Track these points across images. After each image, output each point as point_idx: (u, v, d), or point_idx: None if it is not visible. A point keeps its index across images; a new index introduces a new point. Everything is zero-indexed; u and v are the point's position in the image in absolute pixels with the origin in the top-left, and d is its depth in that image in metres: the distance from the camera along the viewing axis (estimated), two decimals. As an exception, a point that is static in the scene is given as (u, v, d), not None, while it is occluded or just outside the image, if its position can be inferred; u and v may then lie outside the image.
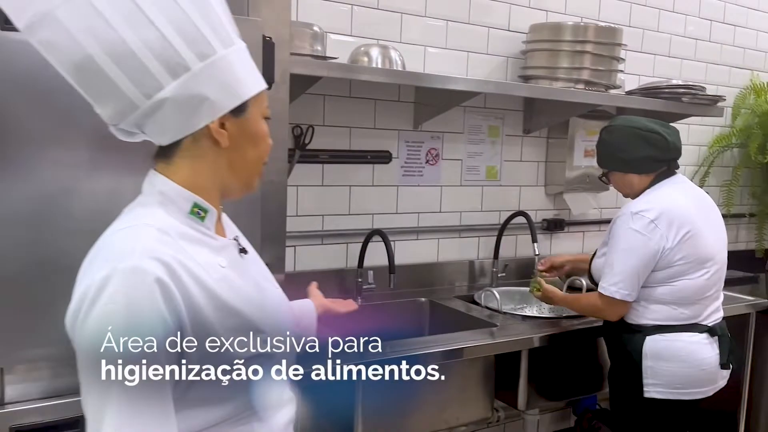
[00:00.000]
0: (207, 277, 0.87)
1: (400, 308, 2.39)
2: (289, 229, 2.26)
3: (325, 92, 2.29)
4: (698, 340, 1.88)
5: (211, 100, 0.88)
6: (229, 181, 0.95)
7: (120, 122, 0.89)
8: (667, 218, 1.85)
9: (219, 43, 0.88)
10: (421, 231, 2.60)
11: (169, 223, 0.89)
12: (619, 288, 1.86)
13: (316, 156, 2.30)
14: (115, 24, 0.82)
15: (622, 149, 1.95)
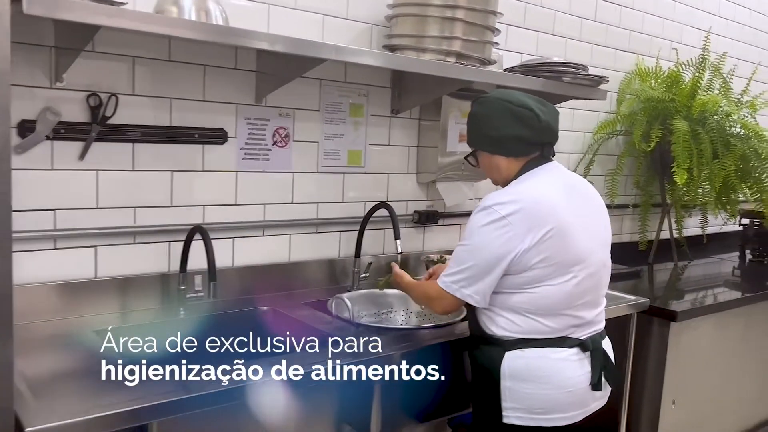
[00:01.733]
0: None
1: (234, 321, 1.97)
2: (86, 225, 1.80)
3: (134, 53, 1.83)
4: (565, 357, 1.60)
5: None
6: None
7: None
8: (526, 215, 1.55)
9: None
10: (269, 226, 2.19)
11: None
12: (460, 285, 1.59)
13: (122, 133, 1.83)
14: None
15: (491, 126, 1.65)
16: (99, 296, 1.83)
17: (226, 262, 2.10)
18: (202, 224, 1.95)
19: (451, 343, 1.83)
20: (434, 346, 1.79)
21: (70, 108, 1.74)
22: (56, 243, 1.77)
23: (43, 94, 1.69)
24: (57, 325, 1.71)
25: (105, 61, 1.77)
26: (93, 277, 1.84)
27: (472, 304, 1.61)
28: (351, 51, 1.89)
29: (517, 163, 1.66)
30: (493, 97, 1.67)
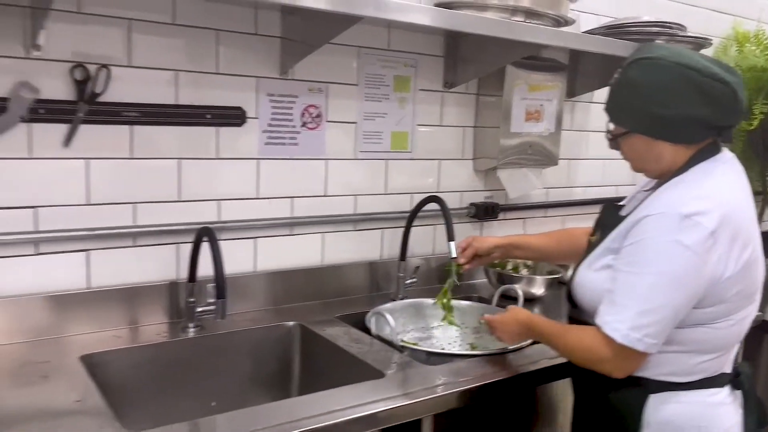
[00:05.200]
0: None
1: (256, 340, 1.64)
2: (73, 226, 1.49)
3: (130, 14, 1.49)
4: (719, 401, 1.23)
5: None
6: None
7: None
8: (731, 230, 1.14)
9: None
10: (298, 223, 1.84)
11: None
12: (644, 334, 1.14)
13: (117, 113, 1.50)
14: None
15: (662, 101, 1.17)
16: (92, 310, 1.52)
17: (247, 266, 1.77)
18: (216, 223, 1.63)
19: (524, 377, 1.45)
20: (503, 381, 1.41)
21: (51, 83, 1.42)
22: (38, 247, 1.47)
23: (17, 66, 1.38)
24: (36, 349, 1.41)
25: (93, 25, 1.45)
26: (84, 288, 1.53)
27: (650, 352, 1.18)
28: (396, 6, 1.50)
29: (687, 151, 1.22)
30: (668, 61, 1.17)
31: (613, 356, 1.18)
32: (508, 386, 1.42)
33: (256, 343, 1.64)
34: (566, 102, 2.28)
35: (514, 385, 1.43)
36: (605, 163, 2.51)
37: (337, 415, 1.19)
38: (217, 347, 1.59)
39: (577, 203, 2.47)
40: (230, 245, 1.70)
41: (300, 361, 1.68)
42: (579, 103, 2.39)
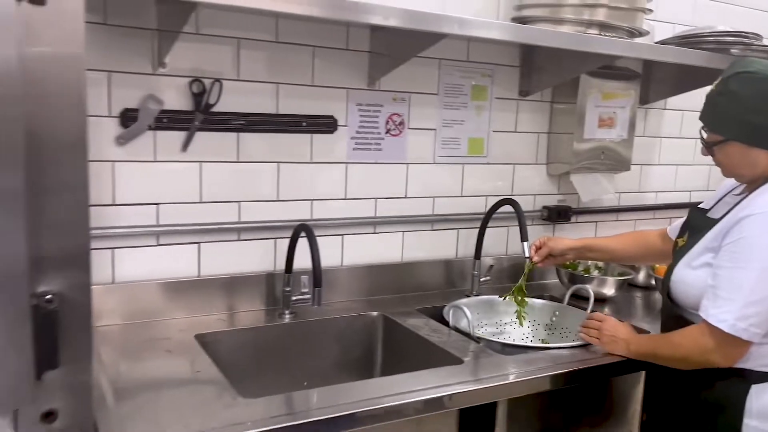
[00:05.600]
0: None
1: (343, 327, 1.80)
2: (189, 221, 1.70)
3: (240, 34, 1.68)
4: None
5: None
6: None
7: None
8: None
9: None
10: (380, 222, 1.99)
11: None
12: (749, 324, 1.27)
13: (226, 121, 1.70)
14: None
15: (761, 110, 1.32)
16: (202, 296, 1.73)
17: (335, 261, 1.93)
18: (308, 221, 1.80)
19: (597, 369, 1.54)
20: (576, 371, 1.51)
21: (173, 95, 1.63)
22: (159, 239, 1.68)
23: (146, 82, 1.59)
24: (158, 327, 1.62)
25: (209, 44, 1.65)
26: (196, 276, 1.74)
27: (753, 342, 1.30)
28: (477, 24, 1.63)
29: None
30: (765, 74, 1.32)
31: (719, 346, 1.30)
32: (580, 376, 1.52)
33: (343, 330, 1.80)
34: (639, 109, 2.33)
35: (586, 375, 1.53)
36: (678, 168, 2.54)
37: (419, 394, 1.32)
38: (309, 332, 1.76)
39: (649, 208, 2.51)
40: (320, 241, 1.86)
41: (382, 348, 1.83)
42: (652, 109, 2.44)
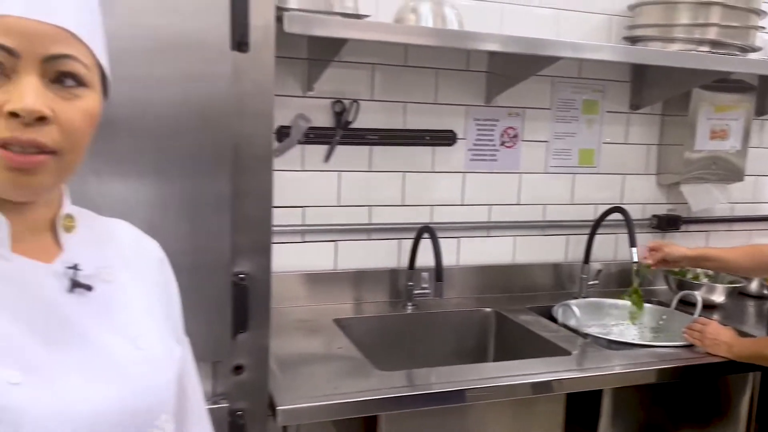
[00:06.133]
0: None
1: (459, 320, 2.01)
2: (328, 222, 1.96)
3: (374, 60, 1.94)
4: None
5: None
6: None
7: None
8: None
9: None
10: (494, 226, 2.18)
11: None
12: None
13: (362, 136, 1.96)
14: None
15: None
16: (337, 286, 1.99)
17: (451, 260, 2.14)
18: (429, 224, 2.02)
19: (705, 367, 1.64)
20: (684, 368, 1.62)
21: (319, 114, 1.90)
22: (304, 237, 1.96)
23: (296, 103, 1.88)
24: (302, 312, 1.90)
25: (349, 69, 1.91)
26: (333, 269, 2.00)
27: None
28: (589, 47, 1.78)
29: None
30: None
31: None
32: (686, 373, 1.63)
33: (459, 323, 2.00)
34: (755, 120, 2.36)
35: (692, 372, 1.63)
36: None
37: (529, 378, 1.50)
38: (428, 323, 1.98)
39: (764, 219, 2.52)
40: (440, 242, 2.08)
41: (495, 341, 2.01)
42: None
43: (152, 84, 1.07)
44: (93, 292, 0.68)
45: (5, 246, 0.64)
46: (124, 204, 1.07)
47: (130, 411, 0.66)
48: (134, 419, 0.66)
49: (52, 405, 0.60)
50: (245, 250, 1.21)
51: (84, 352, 0.65)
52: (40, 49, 0.60)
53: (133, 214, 0.86)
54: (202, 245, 1.15)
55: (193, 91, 1.11)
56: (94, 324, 0.67)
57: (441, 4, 1.68)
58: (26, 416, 0.58)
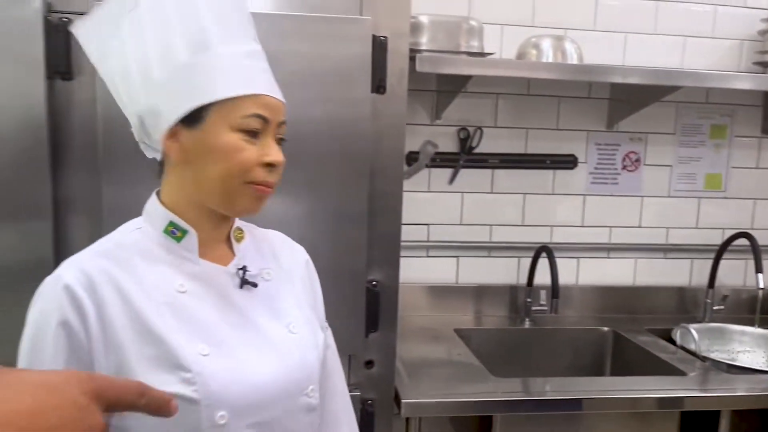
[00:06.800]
0: (141, 297, 0.81)
1: (575, 337, 2.08)
2: (451, 239, 2.13)
3: (498, 90, 2.08)
4: None
5: (162, 112, 0.81)
6: (199, 197, 0.85)
7: (139, 140, 0.88)
8: None
9: (185, 48, 0.80)
10: (614, 248, 2.23)
11: (134, 239, 0.85)
12: None
13: (484, 160, 2.11)
14: (126, 46, 0.82)
15: None
16: (458, 299, 2.15)
17: (570, 280, 2.21)
18: (548, 244, 2.12)
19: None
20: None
21: (444, 141, 2.08)
22: (428, 252, 2.14)
23: (425, 130, 2.07)
24: (425, 320, 2.07)
25: (474, 99, 2.07)
26: (454, 283, 2.16)
27: None
28: (714, 77, 1.82)
29: None
30: None
31: None
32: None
33: (575, 340, 2.08)
34: None
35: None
36: None
37: (643, 393, 1.56)
38: (545, 338, 2.07)
39: None
40: (557, 262, 2.17)
41: (611, 359, 2.06)
42: None
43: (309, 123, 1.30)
44: (257, 288, 0.89)
45: (194, 253, 0.87)
46: (283, 218, 1.30)
47: (286, 381, 0.86)
48: (289, 388, 0.87)
49: (233, 372, 0.82)
50: (378, 261, 1.41)
51: (253, 334, 0.86)
52: (277, 118, 0.84)
53: (289, 227, 1.08)
54: (342, 255, 1.36)
55: (339, 126, 1.33)
56: (259, 313, 0.88)
57: (561, 39, 1.80)
58: (214, 380, 0.79)
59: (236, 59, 0.82)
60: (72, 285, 0.78)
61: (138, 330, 0.79)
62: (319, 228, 1.35)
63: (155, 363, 0.78)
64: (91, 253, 0.84)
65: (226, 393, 0.80)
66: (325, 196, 1.34)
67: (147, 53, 0.81)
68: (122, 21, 0.83)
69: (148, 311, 0.80)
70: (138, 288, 0.81)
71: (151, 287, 0.82)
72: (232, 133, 0.81)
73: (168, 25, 0.81)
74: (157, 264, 0.84)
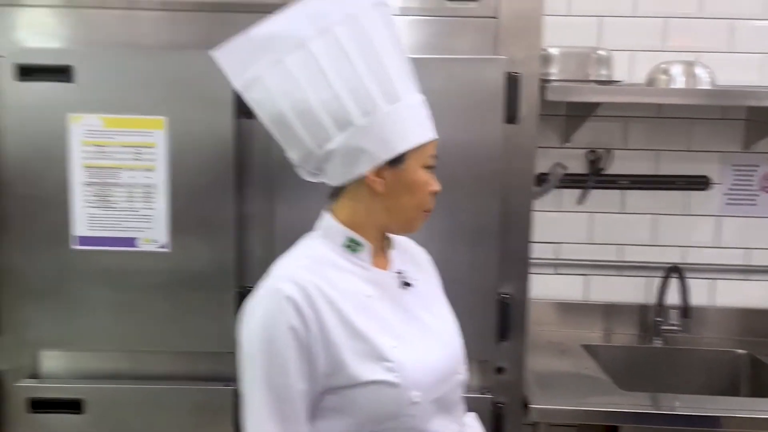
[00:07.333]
0: (343, 303, 0.98)
1: (708, 358, 2.07)
2: (579, 257, 2.22)
3: (628, 114, 2.14)
4: None
5: (368, 153, 0.98)
6: (384, 222, 1.05)
7: (304, 165, 1.07)
8: None
9: (383, 99, 0.98)
10: (753, 270, 2.19)
11: (322, 253, 1.04)
12: None
13: (614, 182, 2.17)
14: (303, 86, 0.98)
15: None
16: (586, 316, 2.21)
17: (704, 301, 2.20)
18: (680, 264, 2.13)
19: None
20: None
21: (573, 162, 2.17)
22: (557, 269, 2.23)
23: (554, 153, 2.17)
24: (552, 335, 2.16)
25: (603, 123, 2.15)
26: (582, 300, 2.23)
27: None
28: None
29: None
30: None
31: None
32: None
33: (708, 362, 2.07)
34: None
35: None
36: None
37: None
38: (675, 358, 2.08)
39: None
40: (691, 283, 2.16)
41: (747, 383, 2.02)
42: None
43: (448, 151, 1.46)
44: (411, 287, 1.08)
45: (368, 262, 1.06)
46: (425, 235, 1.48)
47: (450, 362, 1.07)
48: (449, 367, 1.07)
49: (415, 358, 1.01)
50: (509, 275, 1.54)
51: (419, 326, 1.06)
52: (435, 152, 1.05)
53: (431, 242, 1.26)
54: (476, 268, 1.52)
55: (473, 153, 1.49)
56: (418, 307, 1.08)
57: (692, 64, 1.84)
58: (404, 365, 0.99)
59: (417, 109, 1.02)
60: (293, 296, 0.95)
61: (346, 330, 0.97)
62: (456, 243, 1.51)
63: (364, 356, 0.97)
64: (296, 267, 1.01)
65: (417, 376, 0.99)
66: (461, 215, 1.50)
67: (338, 98, 0.96)
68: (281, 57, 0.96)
69: (351, 314, 0.99)
70: (338, 294, 0.99)
71: (346, 293, 1.00)
72: (422, 170, 1.02)
73: (358, 76, 0.96)
74: (345, 273, 1.03)
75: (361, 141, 0.98)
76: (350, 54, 0.97)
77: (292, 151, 1.06)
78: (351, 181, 1.03)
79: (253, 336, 0.97)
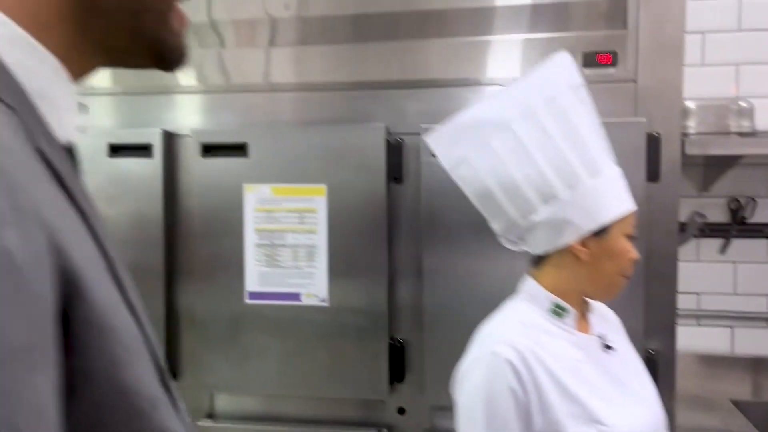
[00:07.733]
0: (556, 366, 1.03)
1: None
2: (725, 308, 2.17)
3: (772, 161, 2.09)
4: None
5: (574, 224, 1.05)
6: (587, 288, 1.10)
7: (506, 235, 1.15)
8: None
9: (586, 173, 1.05)
10: None
11: (531, 317, 1.09)
12: None
13: (759, 231, 2.11)
14: (507, 163, 1.05)
15: None
16: (733, 370, 2.13)
17: None
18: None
19: None
20: None
21: (713, 211, 2.13)
22: (699, 321, 2.18)
23: (692, 202, 2.15)
24: (697, 390, 2.10)
25: (746, 171, 2.10)
26: (729, 353, 2.15)
27: None
28: None
29: None
30: None
31: None
32: None
33: None
34: None
35: None
36: None
37: None
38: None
39: None
40: None
41: None
42: None
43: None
44: (612, 350, 1.12)
45: (573, 327, 1.11)
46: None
47: (654, 428, 1.09)
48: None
49: (627, 423, 1.05)
50: (653, 328, 1.55)
51: (624, 390, 1.09)
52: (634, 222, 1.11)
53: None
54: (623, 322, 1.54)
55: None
56: (620, 371, 1.11)
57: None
58: (618, 428, 1.02)
59: (618, 181, 1.09)
60: (512, 360, 1.01)
61: (560, 392, 1.02)
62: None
63: (578, 419, 1.02)
64: (512, 333, 1.06)
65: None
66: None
67: (543, 173, 1.03)
68: (487, 138, 1.05)
69: (563, 377, 1.03)
70: (551, 358, 1.03)
71: (557, 357, 1.05)
72: (623, 239, 1.08)
73: (561, 152, 1.04)
74: (554, 337, 1.08)
75: (567, 213, 1.04)
76: (552, 133, 1.03)
77: (495, 222, 1.13)
78: (555, 250, 1.10)
79: (474, 397, 1.03)
